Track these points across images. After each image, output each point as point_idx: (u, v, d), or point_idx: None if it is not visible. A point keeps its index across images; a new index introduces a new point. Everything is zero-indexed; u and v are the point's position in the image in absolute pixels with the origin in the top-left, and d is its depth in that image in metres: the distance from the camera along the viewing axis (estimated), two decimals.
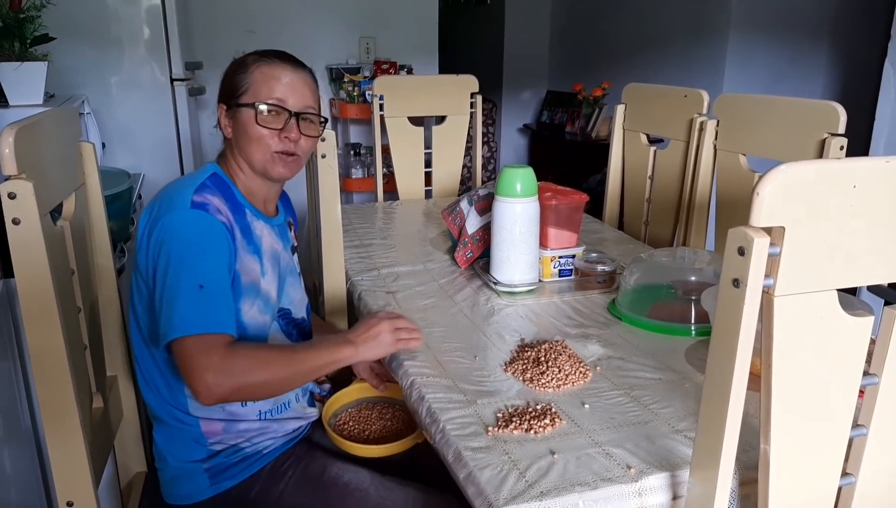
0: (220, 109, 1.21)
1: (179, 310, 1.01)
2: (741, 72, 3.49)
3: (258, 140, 1.17)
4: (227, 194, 1.16)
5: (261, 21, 3.21)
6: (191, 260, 1.04)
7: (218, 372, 0.98)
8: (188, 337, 1.00)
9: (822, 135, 1.51)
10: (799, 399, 0.76)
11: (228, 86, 1.20)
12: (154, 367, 1.17)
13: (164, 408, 1.17)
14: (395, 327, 1.14)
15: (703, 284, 1.33)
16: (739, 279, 0.69)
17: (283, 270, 1.25)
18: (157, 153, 2.64)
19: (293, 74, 1.20)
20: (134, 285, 1.15)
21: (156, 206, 1.11)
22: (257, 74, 1.18)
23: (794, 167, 0.69)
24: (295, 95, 1.19)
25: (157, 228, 1.07)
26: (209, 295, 1.03)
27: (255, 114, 1.16)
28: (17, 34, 1.88)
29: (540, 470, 0.88)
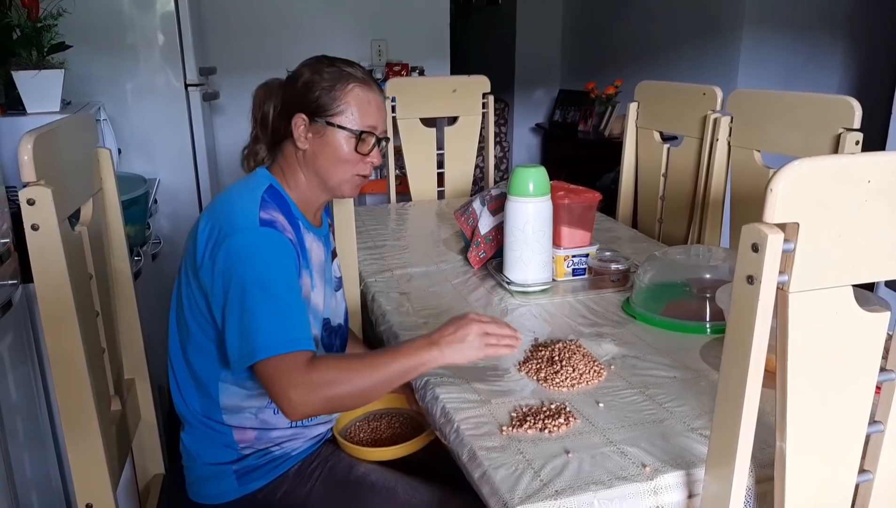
0: (300, 120, 1.16)
1: (261, 332, 1.01)
2: (755, 68, 3.46)
3: (345, 163, 1.17)
4: (283, 208, 1.14)
5: (273, 25, 3.23)
6: (268, 281, 1.03)
7: (302, 390, 0.99)
8: (270, 359, 1.00)
9: (838, 130, 1.50)
10: (815, 396, 0.76)
11: (315, 99, 1.16)
12: (188, 375, 1.17)
13: (196, 415, 1.18)
14: (484, 330, 1.06)
15: (718, 281, 1.32)
16: (753, 276, 0.69)
17: (327, 282, 1.24)
18: (172, 158, 2.66)
19: (380, 98, 1.20)
20: (185, 294, 1.14)
21: (218, 222, 1.08)
22: (352, 96, 1.16)
23: (808, 163, 0.69)
24: (382, 121, 1.20)
25: (225, 247, 1.05)
26: (288, 314, 1.03)
27: (356, 141, 1.16)
28: (35, 43, 1.90)
29: (554, 469, 0.88)
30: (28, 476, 1.43)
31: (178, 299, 1.17)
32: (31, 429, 1.47)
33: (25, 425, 1.44)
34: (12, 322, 1.40)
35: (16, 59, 1.89)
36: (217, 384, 1.15)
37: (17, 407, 1.40)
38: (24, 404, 1.44)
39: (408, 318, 1.39)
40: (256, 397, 1.15)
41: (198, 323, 1.14)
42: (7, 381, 1.36)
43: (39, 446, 1.52)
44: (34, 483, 1.46)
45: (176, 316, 1.18)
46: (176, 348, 1.19)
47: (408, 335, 1.30)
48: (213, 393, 1.15)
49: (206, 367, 1.15)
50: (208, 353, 1.14)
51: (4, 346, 1.36)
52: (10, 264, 1.38)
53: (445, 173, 2.44)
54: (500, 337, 1.07)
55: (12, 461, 1.33)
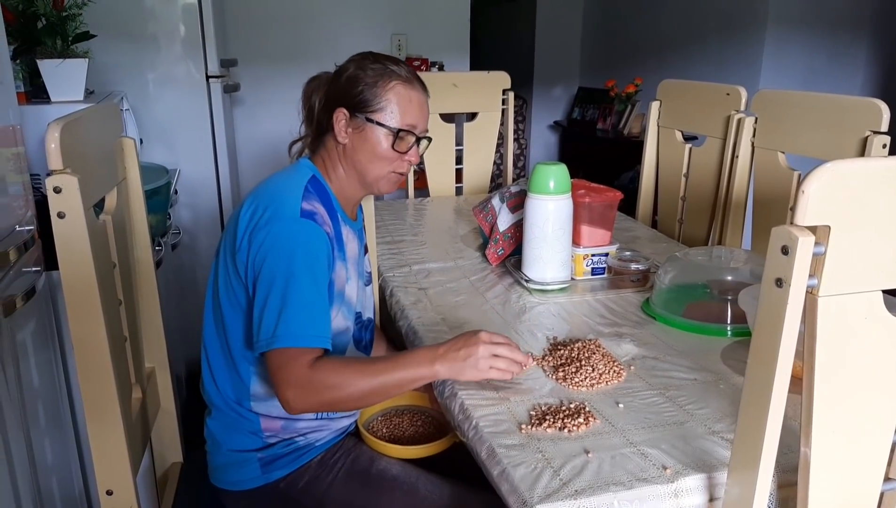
0: (341, 114, 1.18)
1: (280, 322, 1.02)
2: (778, 68, 3.42)
3: (383, 159, 1.18)
4: (325, 200, 1.16)
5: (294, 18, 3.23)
6: (301, 272, 1.05)
7: (300, 389, 1.01)
8: (280, 349, 1.02)
9: (865, 133, 1.48)
10: (841, 402, 0.75)
11: (358, 94, 1.17)
12: (223, 359, 1.19)
13: (226, 400, 1.19)
14: (492, 352, 1.05)
15: (740, 283, 1.31)
16: (783, 279, 0.68)
17: (360, 275, 1.25)
18: (192, 149, 2.68)
19: (423, 97, 1.21)
20: (223, 278, 1.15)
21: (261, 206, 1.10)
22: (393, 94, 1.16)
23: (841, 165, 0.68)
24: (423, 120, 1.20)
25: (264, 233, 1.07)
26: (312, 309, 1.05)
27: (393, 139, 1.17)
28: (60, 32, 1.91)
29: (574, 469, 0.88)
30: (49, 462, 1.44)
31: (214, 282, 1.19)
32: (52, 415, 1.49)
33: (47, 411, 1.46)
34: (35, 309, 1.41)
35: (41, 48, 1.91)
36: (249, 372, 1.16)
37: (38, 393, 1.42)
38: (45, 390, 1.46)
39: (426, 314, 1.39)
40: None
41: (232, 307, 1.15)
42: (29, 367, 1.38)
43: (60, 432, 1.54)
44: (54, 468, 1.48)
45: (212, 299, 1.19)
46: (211, 331, 1.20)
47: (427, 332, 1.30)
48: (244, 379, 1.17)
49: (240, 352, 1.16)
50: (241, 338, 1.15)
51: (27, 332, 1.37)
52: (34, 252, 1.40)
53: (464, 169, 2.43)
54: (509, 362, 1.06)
55: (34, 446, 1.35)
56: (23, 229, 1.36)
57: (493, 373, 1.06)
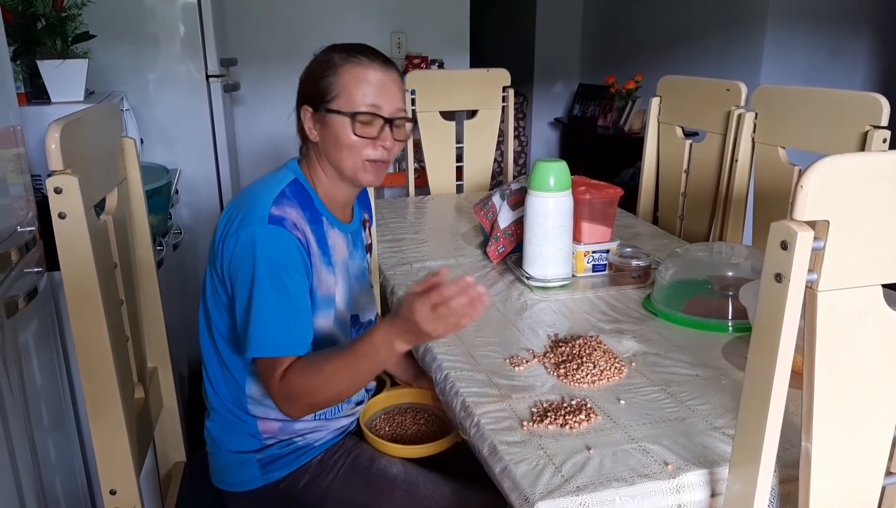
0: (305, 112, 1.16)
1: (254, 331, 1.05)
2: (778, 63, 3.42)
3: (350, 148, 1.13)
4: (305, 203, 1.13)
5: (294, 17, 3.24)
6: (261, 281, 1.04)
7: (279, 400, 1.06)
8: (258, 359, 1.07)
9: (865, 127, 1.48)
10: (842, 397, 0.75)
11: (314, 88, 1.14)
12: (217, 362, 1.19)
13: (223, 403, 1.20)
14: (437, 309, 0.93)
15: (741, 279, 1.31)
16: (782, 274, 0.68)
17: (352, 278, 1.24)
18: (192, 149, 2.68)
19: (384, 75, 1.14)
20: (209, 283, 1.16)
21: (235, 212, 1.10)
22: (347, 76, 1.12)
23: (839, 160, 0.68)
24: (388, 99, 1.13)
25: (234, 240, 1.06)
26: (281, 315, 1.05)
27: (351, 124, 1.12)
28: (60, 32, 1.92)
29: (576, 465, 0.88)
30: (52, 462, 1.45)
31: (204, 288, 1.19)
32: (55, 415, 1.49)
33: (50, 411, 1.46)
34: (37, 310, 1.42)
35: (40, 49, 1.91)
36: (244, 373, 1.16)
37: (41, 393, 1.42)
38: (48, 390, 1.46)
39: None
40: None
41: (218, 312, 1.15)
42: (32, 367, 1.38)
43: (63, 432, 1.54)
44: (58, 468, 1.48)
45: (203, 304, 1.20)
46: (205, 335, 1.20)
47: None
48: (240, 381, 1.17)
49: (231, 355, 1.16)
50: (232, 341, 1.15)
51: (30, 333, 1.38)
52: (35, 252, 1.40)
53: (464, 167, 2.43)
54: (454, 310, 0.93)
55: (37, 446, 1.35)
56: (24, 230, 1.37)
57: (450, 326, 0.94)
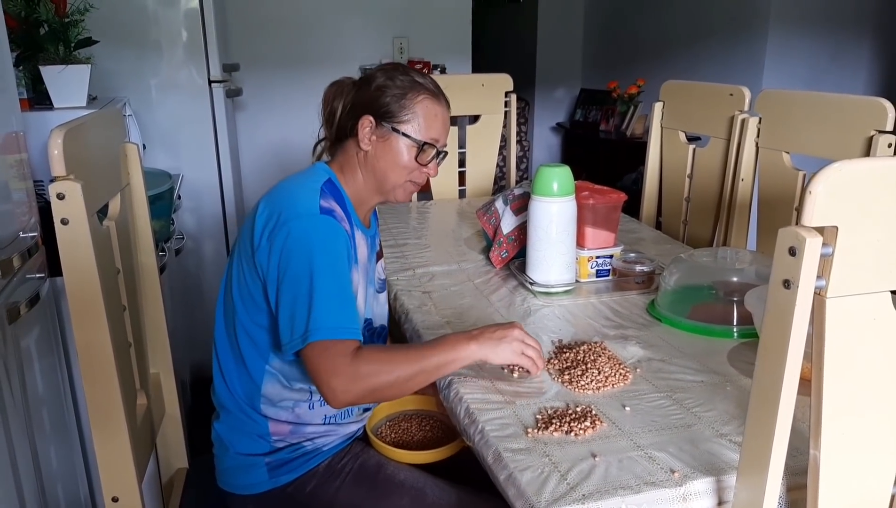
0: (367, 122, 1.19)
1: (313, 317, 1.03)
2: (781, 67, 3.42)
3: (403, 169, 1.20)
4: (340, 203, 1.16)
5: (296, 22, 3.24)
6: (326, 267, 1.06)
7: (346, 378, 1.02)
8: (318, 343, 1.03)
9: (870, 132, 1.47)
10: (851, 404, 0.74)
11: (386, 104, 1.19)
12: (234, 359, 1.19)
13: (235, 402, 1.19)
14: (524, 340, 1.10)
15: (746, 285, 1.30)
16: (790, 280, 0.68)
17: (368, 281, 1.26)
18: (195, 154, 2.68)
19: (447, 113, 1.24)
20: (236, 282, 1.16)
21: (277, 207, 1.11)
22: (421, 107, 1.19)
23: (848, 165, 0.67)
24: (445, 135, 1.23)
25: (284, 232, 1.07)
26: (340, 302, 1.06)
27: (417, 151, 1.19)
28: (62, 38, 1.92)
29: (581, 473, 0.87)
30: (54, 469, 1.44)
31: (227, 285, 1.19)
32: (56, 422, 1.49)
33: (51, 417, 1.46)
34: (39, 316, 1.41)
35: (43, 55, 1.91)
36: (262, 372, 1.16)
37: (43, 400, 1.42)
38: (50, 396, 1.46)
39: (430, 317, 1.39)
40: (295, 390, 1.17)
41: (246, 308, 1.15)
42: (34, 374, 1.38)
43: (65, 438, 1.54)
44: (60, 475, 1.48)
45: (224, 302, 1.20)
46: (222, 333, 1.20)
47: (430, 334, 1.30)
48: (256, 380, 1.17)
49: (252, 353, 1.16)
50: (255, 339, 1.15)
51: (32, 339, 1.37)
52: (37, 258, 1.40)
53: (467, 172, 2.43)
54: (537, 355, 1.10)
55: (39, 453, 1.35)
56: (26, 236, 1.36)
57: (523, 359, 1.09)
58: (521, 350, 1.09)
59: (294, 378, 1.16)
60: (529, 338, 1.11)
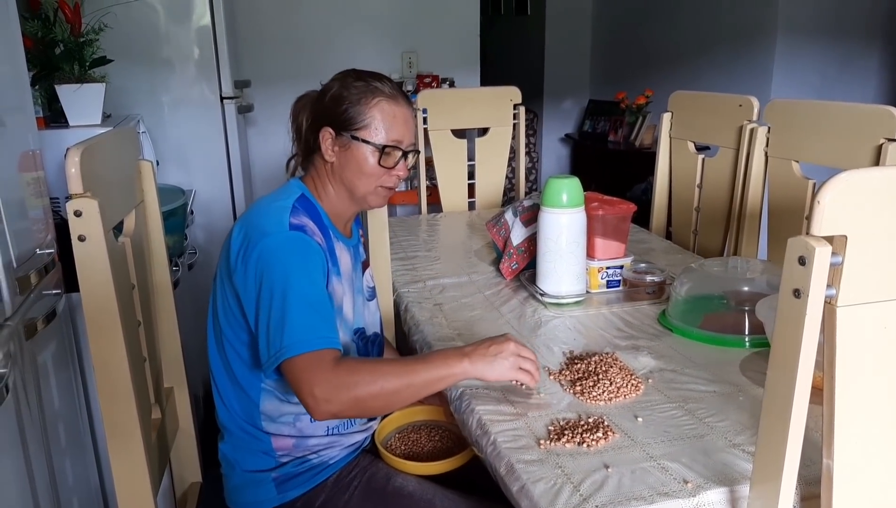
0: (327, 134, 1.18)
1: (289, 330, 1.02)
2: (789, 78, 3.41)
3: (369, 176, 1.19)
4: (314, 217, 1.17)
5: (306, 38, 3.28)
6: (296, 280, 1.05)
7: (328, 387, 0.99)
8: (297, 356, 1.01)
9: (879, 140, 1.47)
10: (863, 413, 0.74)
11: (342, 113, 1.18)
12: (229, 381, 1.19)
13: (236, 422, 1.20)
14: (519, 352, 1.07)
15: (757, 294, 1.30)
16: (800, 290, 0.68)
17: (355, 291, 1.26)
18: (207, 170, 2.71)
19: (407, 111, 1.21)
20: (220, 302, 1.17)
21: (251, 228, 1.11)
22: (377, 110, 1.17)
23: (856, 175, 0.68)
24: (408, 134, 1.21)
25: (256, 251, 1.07)
26: (316, 313, 1.05)
27: (380, 155, 1.18)
28: (77, 57, 1.95)
29: (594, 484, 0.88)
30: (70, 483, 1.45)
31: (213, 307, 1.20)
32: (72, 436, 1.50)
33: (67, 432, 1.47)
34: (56, 331, 1.43)
35: (59, 74, 1.95)
36: (258, 389, 1.16)
37: (59, 414, 1.43)
38: (65, 411, 1.47)
39: (441, 329, 1.40)
40: (293, 403, 1.16)
41: (232, 329, 1.16)
42: (50, 388, 1.39)
43: (80, 452, 1.55)
44: (75, 489, 1.49)
45: (213, 324, 1.21)
46: (215, 355, 1.21)
47: (441, 346, 1.31)
48: (253, 398, 1.17)
49: (244, 372, 1.17)
50: (246, 358, 1.16)
51: (48, 354, 1.39)
52: (54, 275, 1.42)
53: (476, 184, 2.44)
54: (532, 365, 1.08)
55: (55, 467, 1.36)
56: (43, 253, 1.38)
57: (521, 374, 1.06)
58: (517, 365, 1.06)
59: (290, 392, 1.15)
60: (525, 349, 1.08)
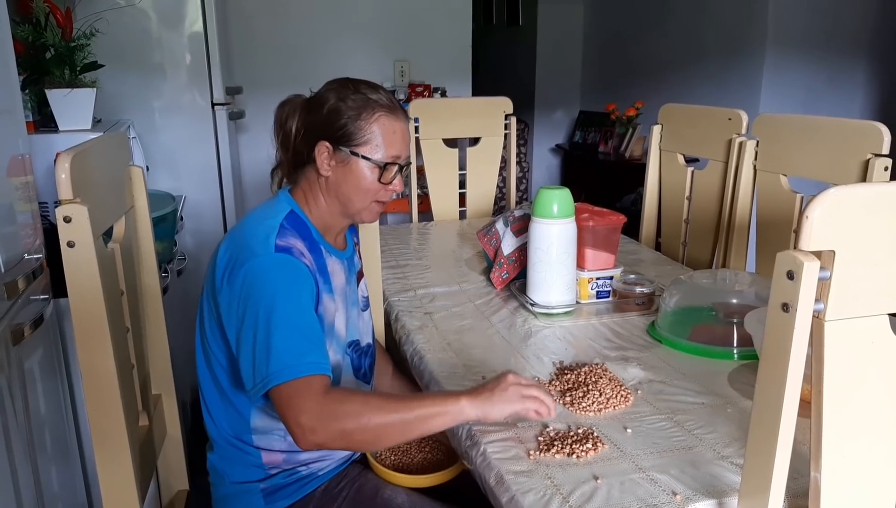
0: (324, 148, 1.14)
1: (276, 356, 0.98)
2: (777, 91, 3.45)
3: (367, 191, 1.16)
4: (304, 234, 1.14)
5: (298, 45, 3.28)
6: (282, 304, 1.02)
7: (314, 417, 0.95)
8: (284, 384, 0.97)
9: (866, 155, 1.49)
10: (851, 426, 0.75)
11: (341, 128, 1.14)
12: (218, 396, 1.18)
13: (225, 437, 1.18)
14: (520, 382, 1.00)
15: (745, 306, 1.31)
16: (789, 304, 0.69)
17: (349, 304, 1.24)
18: (198, 176, 2.70)
19: (405, 125, 1.19)
20: (207, 320, 1.15)
21: (237, 248, 1.09)
22: (378, 126, 1.14)
23: (844, 190, 0.69)
24: (405, 149, 1.18)
25: (242, 272, 1.05)
26: (303, 337, 1.01)
27: (380, 172, 1.15)
28: (68, 62, 1.94)
29: (584, 495, 0.88)
30: (55, 490, 1.44)
31: (201, 322, 1.18)
32: (58, 443, 1.49)
33: (53, 439, 1.46)
34: (43, 337, 1.42)
35: (49, 78, 1.94)
36: (248, 406, 1.15)
37: (45, 421, 1.42)
38: (52, 418, 1.46)
39: (432, 339, 1.40)
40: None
41: (219, 346, 1.14)
42: (37, 395, 1.38)
43: (66, 460, 1.53)
44: (61, 496, 1.47)
45: (200, 339, 1.19)
46: (203, 370, 1.19)
47: (433, 356, 1.31)
48: (244, 414, 1.16)
49: (235, 389, 1.15)
50: (236, 376, 1.14)
51: (35, 361, 1.38)
52: (42, 280, 1.40)
53: (467, 193, 2.44)
54: (542, 399, 1.00)
55: (41, 474, 1.34)
56: (31, 258, 1.37)
57: (527, 402, 0.99)
58: (520, 394, 0.99)
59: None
60: (529, 386, 1.00)
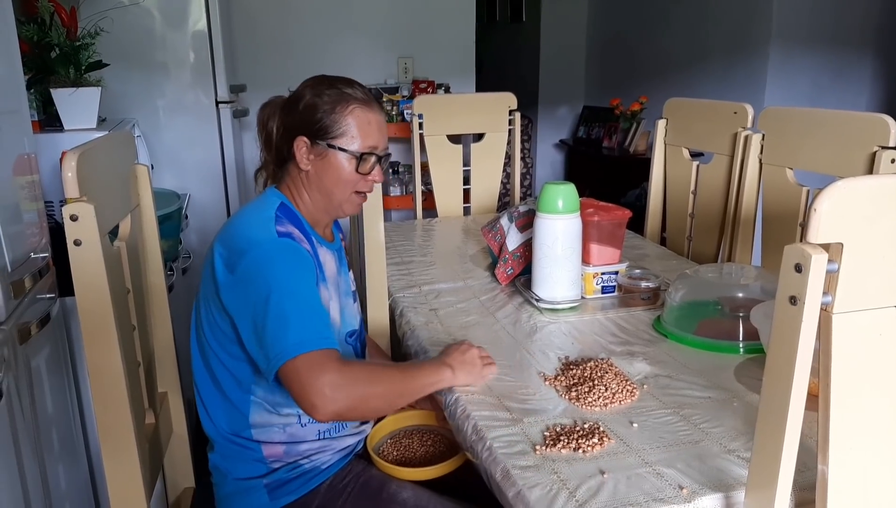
0: (302, 143, 1.18)
1: (290, 333, 1.01)
2: (782, 85, 3.44)
3: (346, 182, 1.19)
4: (297, 225, 1.17)
5: (302, 43, 3.28)
6: (293, 284, 1.06)
7: (335, 386, 1.00)
8: (300, 356, 1.00)
9: (872, 148, 1.48)
10: (858, 419, 0.75)
11: (317, 122, 1.17)
12: (216, 395, 1.18)
13: (224, 435, 1.19)
14: (480, 353, 1.19)
15: (751, 300, 1.30)
16: (797, 297, 0.68)
17: (342, 293, 1.27)
18: (202, 174, 2.70)
19: (380, 116, 1.22)
20: (205, 321, 1.16)
21: (234, 242, 1.11)
22: (352, 118, 1.17)
23: (852, 183, 0.68)
24: (382, 139, 1.21)
25: (245, 262, 1.07)
26: (315, 314, 1.06)
27: (357, 162, 1.18)
28: (73, 61, 1.95)
29: (590, 490, 0.88)
30: (63, 488, 1.44)
31: (197, 326, 1.19)
32: (65, 441, 1.49)
33: (60, 437, 1.46)
34: (50, 336, 1.42)
35: (54, 77, 1.94)
36: (248, 402, 1.16)
37: (52, 419, 1.42)
38: (59, 416, 1.46)
39: (437, 334, 1.40)
40: (283, 415, 1.16)
41: (220, 344, 1.15)
42: (44, 393, 1.38)
43: (73, 458, 1.54)
44: (68, 494, 1.48)
45: (197, 341, 1.19)
46: (201, 370, 1.20)
47: (436, 351, 1.30)
48: (243, 411, 1.16)
49: (233, 387, 1.16)
50: (236, 373, 1.15)
51: (42, 359, 1.38)
52: (48, 279, 1.41)
53: (471, 190, 2.44)
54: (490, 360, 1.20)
55: (48, 473, 1.35)
56: (38, 257, 1.38)
57: (486, 370, 1.19)
58: (483, 365, 1.18)
59: (280, 405, 1.15)
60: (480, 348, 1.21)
